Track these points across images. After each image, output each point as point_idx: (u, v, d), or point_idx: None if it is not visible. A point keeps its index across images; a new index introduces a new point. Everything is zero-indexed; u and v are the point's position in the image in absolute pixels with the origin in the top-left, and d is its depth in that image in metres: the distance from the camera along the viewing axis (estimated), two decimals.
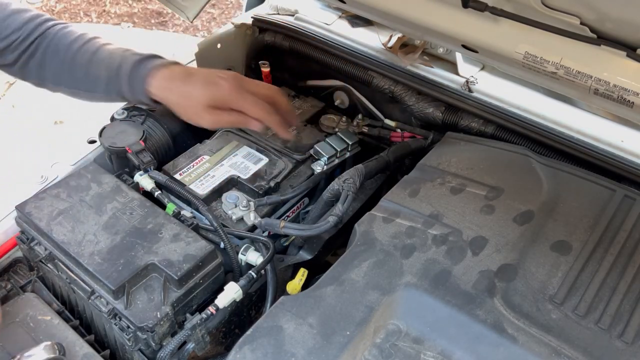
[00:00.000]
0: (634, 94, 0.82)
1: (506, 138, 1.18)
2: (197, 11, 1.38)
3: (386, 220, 0.96)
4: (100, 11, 4.14)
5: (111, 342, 0.97)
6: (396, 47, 1.34)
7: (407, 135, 1.27)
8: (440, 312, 0.81)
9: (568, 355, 0.75)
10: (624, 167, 1.07)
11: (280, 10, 1.50)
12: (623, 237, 0.91)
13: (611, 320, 0.79)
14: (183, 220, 1.01)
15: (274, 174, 1.13)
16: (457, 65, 1.29)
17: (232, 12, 4.16)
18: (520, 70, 0.95)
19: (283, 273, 1.06)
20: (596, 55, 0.82)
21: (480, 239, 0.91)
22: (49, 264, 0.99)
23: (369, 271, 0.87)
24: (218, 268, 0.95)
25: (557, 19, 0.78)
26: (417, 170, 1.07)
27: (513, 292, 0.83)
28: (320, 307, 0.82)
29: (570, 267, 0.86)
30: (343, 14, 1.47)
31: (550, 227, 0.93)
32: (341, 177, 1.06)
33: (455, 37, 0.99)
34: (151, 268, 0.91)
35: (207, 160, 1.15)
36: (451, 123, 1.23)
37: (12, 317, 0.94)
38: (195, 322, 0.88)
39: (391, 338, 0.78)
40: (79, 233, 0.95)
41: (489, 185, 1.01)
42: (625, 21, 0.73)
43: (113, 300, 0.88)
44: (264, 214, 1.07)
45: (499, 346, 0.77)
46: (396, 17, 1.06)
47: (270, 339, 0.78)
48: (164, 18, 4.07)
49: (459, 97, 1.23)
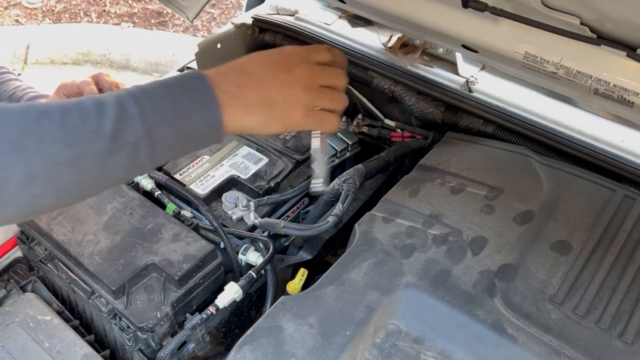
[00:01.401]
0: (634, 94, 0.82)
1: (506, 138, 1.18)
2: (197, 11, 1.38)
3: (386, 220, 0.96)
4: (100, 11, 4.14)
5: (111, 342, 0.97)
6: (396, 47, 1.34)
7: (407, 135, 1.27)
8: (440, 312, 0.81)
9: (568, 355, 0.75)
10: (624, 167, 1.07)
11: (280, 10, 1.50)
12: (623, 237, 0.91)
13: (611, 320, 0.79)
14: (183, 220, 1.01)
15: (274, 174, 1.13)
16: (457, 65, 1.29)
17: (232, 12, 4.15)
18: (520, 70, 0.95)
19: (283, 273, 1.06)
20: (596, 55, 0.82)
21: (480, 239, 0.91)
22: (49, 264, 0.99)
23: (369, 271, 0.87)
24: (218, 268, 0.95)
25: (557, 19, 0.78)
26: (417, 170, 1.07)
27: (513, 292, 0.83)
28: (320, 307, 0.82)
29: (570, 267, 0.86)
30: (343, 14, 1.47)
31: (550, 227, 0.93)
32: (341, 177, 1.06)
33: (455, 37, 0.99)
34: (151, 268, 0.91)
35: (207, 160, 1.15)
36: (451, 123, 1.23)
37: (12, 317, 0.94)
38: (195, 322, 0.88)
39: (391, 338, 0.78)
40: (79, 233, 0.95)
41: (489, 185, 1.01)
42: (625, 21, 0.73)
43: (113, 300, 0.88)
44: (264, 214, 1.07)
45: (499, 346, 0.77)
46: (396, 17, 1.06)
47: (270, 339, 0.78)
48: (164, 18, 4.07)
49: (459, 97, 1.23)
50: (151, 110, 0.63)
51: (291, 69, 0.76)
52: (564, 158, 1.12)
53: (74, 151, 0.58)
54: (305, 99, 0.76)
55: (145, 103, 0.64)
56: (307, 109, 0.76)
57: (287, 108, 0.75)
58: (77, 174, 0.60)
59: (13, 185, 0.56)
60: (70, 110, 0.60)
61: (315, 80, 0.77)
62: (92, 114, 0.60)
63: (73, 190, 0.61)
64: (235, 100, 0.71)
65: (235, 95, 0.71)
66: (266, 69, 0.75)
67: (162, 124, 0.64)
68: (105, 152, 0.60)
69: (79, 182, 0.61)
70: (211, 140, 0.71)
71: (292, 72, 0.75)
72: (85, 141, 0.59)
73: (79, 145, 0.59)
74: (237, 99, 0.71)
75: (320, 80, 0.77)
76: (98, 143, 0.60)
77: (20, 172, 0.56)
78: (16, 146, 0.56)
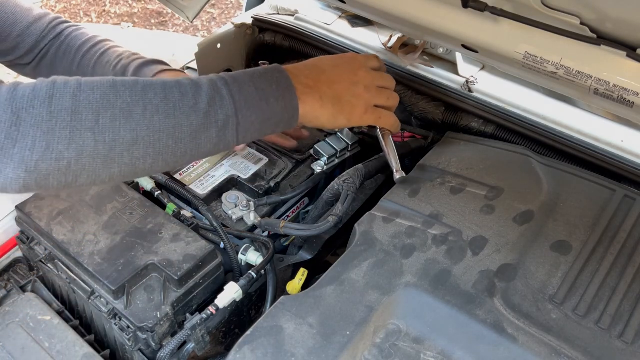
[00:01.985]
0: (634, 94, 0.82)
1: (506, 138, 1.18)
2: (197, 11, 1.38)
3: (386, 220, 0.96)
4: (100, 11, 4.14)
5: (111, 342, 0.97)
6: (396, 47, 1.34)
7: (407, 135, 1.27)
8: (440, 312, 0.81)
9: (568, 355, 0.75)
10: (624, 167, 1.07)
11: (280, 10, 1.50)
12: (623, 237, 0.91)
13: (611, 320, 0.79)
14: (183, 220, 1.01)
15: (274, 174, 1.13)
16: (457, 65, 1.29)
17: (232, 12, 4.15)
18: (520, 70, 0.95)
19: (283, 273, 1.06)
20: (596, 55, 0.82)
21: (480, 239, 0.91)
22: (49, 264, 0.99)
23: (369, 271, 0.87)
24: (218, 268, 0.95)
25: (557, 19, 0.78)
26: (417, 170, 1.07)
27: (513, 292, 0.83)
28: (320, 307, 0.83)
29: (570, 267, 0.86)
30: (343, 14, 1.47)
31: (550, 227, 0.93)
32: (341, 177, 1.06)
33: (455, 37, 0.99)
34: (151, 268, 0.91)
35: (207, 160, 1.15)
36: (451, 123, 1.23)
37: (12, 317, 0.94)
38: (195, 322, 0.88)
39: (391, 338, 0.78)
40: (79, 233, 0.95)
41: (489, 185, 1.01)
42: (625, 21, 0.73)
43: (113, 300, 0.88)
44: (264, 214, 1.07)
45: (499, 346, 0.77)
46: (396, 17, 1.06)
47: (270, 339, 0.78)
48: (164, 18, 4.07)
49: (459, 97, 1.23)
50: (239, 93, 0.73)
51: (355, 72, 0.88)
52: (564, 158, 1.12)
53: (173, 122, 0.68)
54: (367, 97, 0.88)
55: (234, 87, 0.73)
56: (367, 106, 0.89)
57: (353, 104, 0.87)
58: (174, 142, 0.69)
59: (120, 147, 0.65)
60: (171, 86, 0.69)
61: (373, 82, 0.90)
62: (189, 92, 0.70)
63: (169, 156, 0.70)
64: (311, 92, 0.81)
65: (311, 87, 0.81)
66: (336, 69, 0.87)
67: (247, 107, 0.73)
68: (199, 126, 0.69)
69: (174, 150, 0.69)
70: (286, 125, 0.80)
71: (356, 74, 0.88)
72: (183, 114, 0.68)
73: (178, 117, 0.68)
74: (312, 90, 0.81)
75: (378, 82, 0.91)
76: (193, 117, 0.69)
77: (128, 136, 0.65)
78: (126, 113, 0.65)
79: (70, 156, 0.63)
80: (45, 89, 0.64)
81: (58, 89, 0.64)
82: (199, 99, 0.70)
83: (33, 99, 0.62)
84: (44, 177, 0.64)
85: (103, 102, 0.65)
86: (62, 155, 0.63)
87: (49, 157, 0.63)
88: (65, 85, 0.64)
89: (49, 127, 0.62)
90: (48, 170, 0.63)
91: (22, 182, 0.63)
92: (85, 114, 0.63)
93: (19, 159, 0.62)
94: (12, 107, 0.61)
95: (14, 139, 0.61)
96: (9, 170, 0.62)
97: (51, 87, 0.64)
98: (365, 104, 0.89)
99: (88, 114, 0.64)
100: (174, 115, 0.68)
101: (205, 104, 0.70)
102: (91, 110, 0.64)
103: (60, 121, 0.62)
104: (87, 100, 0.64)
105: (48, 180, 0.65)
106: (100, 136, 0.64)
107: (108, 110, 0.65)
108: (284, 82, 0.78)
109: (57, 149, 0.63)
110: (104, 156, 0.65)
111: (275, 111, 0.77)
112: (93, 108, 0.64)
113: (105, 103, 0.65)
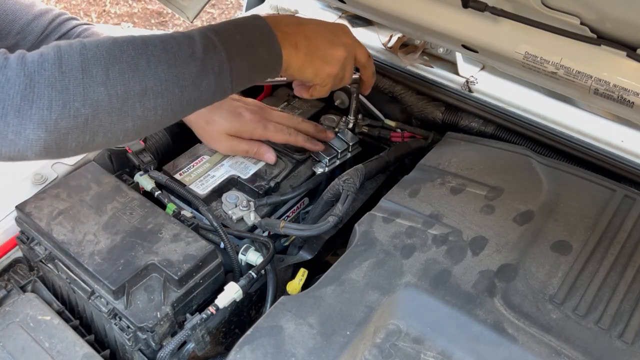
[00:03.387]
0: (634, 94, 0.82)
1: (506, 138, 1.18)
2: (197, 11, 1.38)
3: (386, 220, 0.96)
4: (100, 11, 4.14)
5: (111, 342, 0.97)
6: (396, 47, 1.34)
7: (407, 135, 1.27)
8: (440, 312, 0.81)
9: (568, 355, 0.75)
10: (624, 167, 1.07)
11: (280, 10, 1.50)
12: (623, 237, 0.91)
13: (611, 320, 0.79)
14: (183, 220, 1.01)
15: (274, 174, 1.13)
16: (457, 65, 1.29)
17: (232, 12, 4.16)
18: (520, 70, 0.95)
19: (283, 273, 1.06)
20: (596, 55, 0.82)
21: (480, 239, 0.91)
22: (49, 264, 0.99)
23: (369, 271, 0.87)
24: (218, 268, 0.95)
25: (557, 19, 0.78)
26: (417, 170, 1.07)
27: (513, 292, 0.83)
28: (320, 307, 0.83)
29: (570, 267, 0.86)
30: (343, 14, 1.47)
31: (550, 227, 0.93)
32: (341, 177, 1.06)
33: (455, 37, 0.99)
34: (151, 268, 0.91)
35: (207, 160, 1.15)
36: (451, 123, 1.23)
37: (12, 317, 0.94)
38: (195, 322, 0.88)
39: (391, 338, 0.78)
40: (79, 233, 0.95)
41: (489, 185, 1.01)
42: (625, 21, 0.73)
43: (113, 300, 0.88)
44: (264, 214, 1.07)
45: (499, 346, 0.77)
46: (396, 17, 1.06)
47: (270, 339, 0.78)
48: (164, 18, 4.07)
49: (459, 97, 1.23)
50: (228, 41, 0.76)
51: (338, 35, 0.95)
52: (564, 158, 1.12)
53: (175, 71, 0.70)
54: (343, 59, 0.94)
55: (223, 36, 0.76)
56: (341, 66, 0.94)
57: (326, 61, 0.92)
58: (179, 90, 0.71)
59: (132, 99, 0.67)
60: (165, 39, 0.72)
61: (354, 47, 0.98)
62: (184, 42, 0.72)
63: (176, 105, 0.72)
64: (287, 37, 0.85)
65: (289, 34, 0.86)
66: (317, 25, 0.93)
67: (236, 53, 0.77)
68: (199, 73, 0.72)
69: (181, 99, 0.72)
70: (273, 72, 0.85)
71: (338, 36, 0.95)
72: (183, 63, 0.71)
73: (179, 66, 0.71)
74: (289, 36, 0.86)
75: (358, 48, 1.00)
76: (192, 66, 0.72)
77: (137, 87, 0.67)
78: (132, 66, 0.67)
79: (87, 112, 0.65)
80: (53, 52, 0.65)
81: (65, 51, 0.65)
82: (195, 48, 0.72)
83: (43, 62, 0.64)
84: (63, 137, 0.65)
85: (109, 57, 0.67)
86: (79, 112, 0.64)
87: (67, 115, 0.64)
88: (70, 47, 0.66)
89: (62, 86, 0.63)
90: (67, 129, 0.65)
91: (42, 143, 0.64)
92: (95, 70, 0.65)
93: (37, 118, 0.63)
94: (25, 71, 0.63)
95: (30, 100, 0.62)
96: (29, 131, 0.63)
97: (57, 50, 0.66)
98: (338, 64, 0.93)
99: (98, 69, 0.65)
100: (175, 65, 0.70)
101: (201, 52, 0.72)
102: (100, 66, 0.66)
103: (72, 79, 0.64)
104: (94, 57, 0.66)
105: (67, 140, 0.66)
106: (112, 89, 0.66)
107: (115, 65, 0.66)
108: (266, 29, 0.83)
109: (74, 106, 0.64)
110: (118, 109, 0.67)
111: (261, 56, 0.81)
112: (101, 64, 0.66)
113: (111, 58, 0.67)
